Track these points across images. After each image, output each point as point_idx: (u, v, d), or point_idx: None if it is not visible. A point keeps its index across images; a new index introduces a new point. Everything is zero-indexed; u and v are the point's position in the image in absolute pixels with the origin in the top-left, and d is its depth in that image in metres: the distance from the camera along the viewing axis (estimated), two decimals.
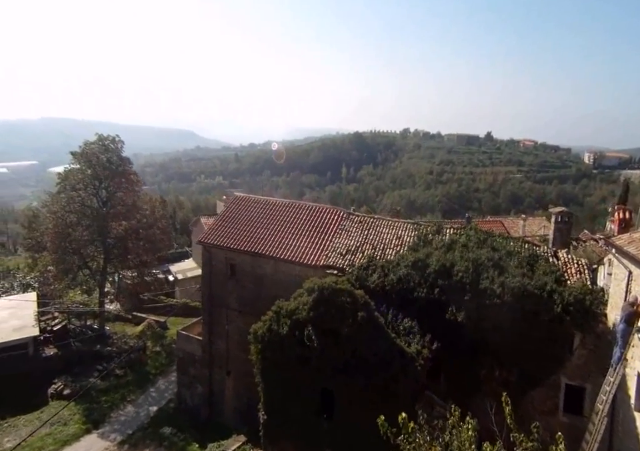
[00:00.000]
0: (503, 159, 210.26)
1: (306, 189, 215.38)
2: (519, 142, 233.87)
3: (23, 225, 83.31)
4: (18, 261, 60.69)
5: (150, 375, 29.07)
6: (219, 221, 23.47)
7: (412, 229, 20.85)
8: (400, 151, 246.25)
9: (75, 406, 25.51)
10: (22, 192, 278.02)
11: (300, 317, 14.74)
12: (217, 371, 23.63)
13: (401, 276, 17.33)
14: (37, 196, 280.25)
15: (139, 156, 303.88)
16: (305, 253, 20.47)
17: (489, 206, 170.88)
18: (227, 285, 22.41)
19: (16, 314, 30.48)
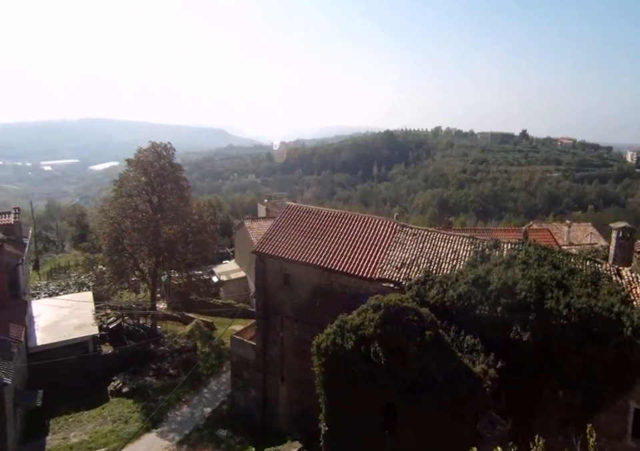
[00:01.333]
0: (540, 158, 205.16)
1: (337, 188, 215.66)
2: (556, 140, 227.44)
3: (71, 223, 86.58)
4: (68, 258, 63.26)
5: (202, 375, 29.96)
6: (272, 230, 24.03)
7: (468, 243, 20.83)
8: (432, 150, 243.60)
9: (133, 404, 26.69)
10: (65, 189, 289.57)
11: (366, 333, 15.08)
12: (270, 377, 24.30)
13: (462, 293, 17.40)
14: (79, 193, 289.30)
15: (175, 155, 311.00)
16: (360, 265, 20.77)
17: (524, 206, 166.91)
18: (281, 294, 22.98)
19: (75, 312, 31.94)
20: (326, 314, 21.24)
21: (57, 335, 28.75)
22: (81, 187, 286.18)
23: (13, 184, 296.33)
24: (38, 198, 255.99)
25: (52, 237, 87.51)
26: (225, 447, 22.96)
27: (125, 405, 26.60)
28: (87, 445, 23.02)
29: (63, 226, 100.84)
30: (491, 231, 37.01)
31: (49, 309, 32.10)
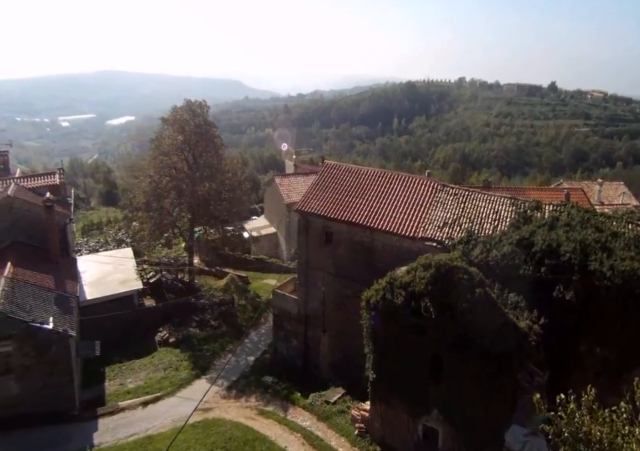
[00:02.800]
0: (568, 112, 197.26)
1: (356, 141, 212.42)
2: (586, 93, 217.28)
3: (99, 180, 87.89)
4: (100, 215, 65.07)
5: (243, 327, 31.50)
6: (313, 189, 24.49)
7: (509, 204, 21.07)
8: (455, 102, 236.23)
9: (180, 353, 28.36)
10: (83, 144, 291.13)
11: (416, 290, 15.83)
12: (311, 328, 25.64)
13: (506, 253, 17.90)
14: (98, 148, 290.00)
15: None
16: (402, 224, 21.28)
17: (549, 162, 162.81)
18: (323, 251, 23.78)
19: (117, 268, 33.39)
20: (367, 271, 22.15)
21: (104, 290, 30.22)
22: (99, 142, 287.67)
23: (33, 141, 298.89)
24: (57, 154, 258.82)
25: (80, 194, 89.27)
26: (272, 392, 24.56)
27: (173, 354, 28.32)
28: (144, 390, 24.80)
29: (89, 183, 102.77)
30: (524, 190, 36.82)
31: (93, 265, 33.40)
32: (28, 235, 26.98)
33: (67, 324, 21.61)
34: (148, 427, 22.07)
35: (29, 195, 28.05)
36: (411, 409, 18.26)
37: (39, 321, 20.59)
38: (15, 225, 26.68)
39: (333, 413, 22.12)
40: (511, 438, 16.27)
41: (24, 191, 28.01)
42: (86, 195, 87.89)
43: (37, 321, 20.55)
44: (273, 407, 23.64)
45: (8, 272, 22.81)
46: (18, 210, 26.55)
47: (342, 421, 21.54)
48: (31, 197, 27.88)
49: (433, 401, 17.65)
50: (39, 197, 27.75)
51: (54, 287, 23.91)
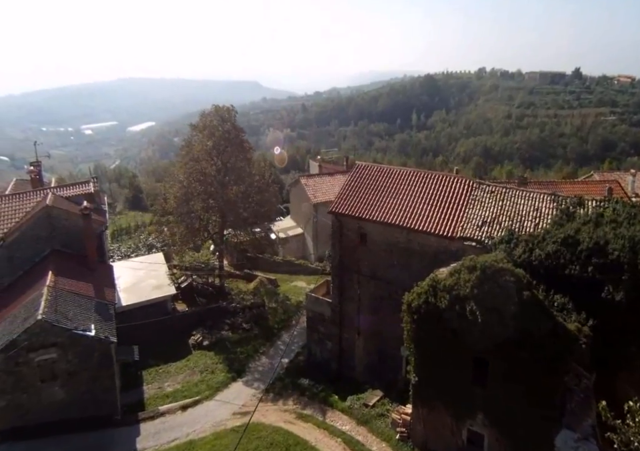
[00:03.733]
0: (594, 100, 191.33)
1: (374, 138, 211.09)
2: (612, 79, 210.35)
3: (124, 185, 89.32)
4: (127, 219, 66.13)
5: (274, 329, 31.62)
6: (345, 190, 24.30)
7: (549, 201, 20.50)
8: (475, 94, 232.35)
9: (215, 356, 28.60)
10: (106, 151, 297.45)
11: (461, 293, 15.48)
12: (346, 330, 25.48)
13: (550, 252, 17.37)
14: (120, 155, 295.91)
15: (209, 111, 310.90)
16: (439, 223, 20.93)
17: (575, 153, 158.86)
18: (358, 252, 23.59)
19: (150, 274, 33.85)
20: (403, 272, 21.91)
21: (138, 296, 30.71)
22: (121, 149, 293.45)
23: (57, 149, 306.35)
24: (81, 161, 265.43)
25: (107, 199, 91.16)
26: (309, 395, 24.50)
27: (208, 357, 28.56)
28: (182, 394, 25.09)
29: (113, 188, 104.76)
30: (556, 184, 35.87)
31: (126, 271, 33.92)
32: (66, 243, 27.58)
33: (107, 331, 21.98)
34: (189, 432, 22.28)
35: (66, 203, 28.65)
36: (455, 413, 17.92)
37: (81, 328, 21.00)
38: (53, 233, 27.28)
39: (372, 416, 21.91)
40: (562, 443, 15.82)
41: (61, 200, 28.62)
42: (112, 200, 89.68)
43: (80, 328, 20.96)
44: (311, 410, 23.56)
45: (50, 281, 23.30)
46: (56, 219, 27.16)
47: (382, 425, 21.32)
48: (68, 205, 28.48)
49: (478, 405, 17.28)
50: (75, 206, 28.33)
51: (93, 295, 24.34)
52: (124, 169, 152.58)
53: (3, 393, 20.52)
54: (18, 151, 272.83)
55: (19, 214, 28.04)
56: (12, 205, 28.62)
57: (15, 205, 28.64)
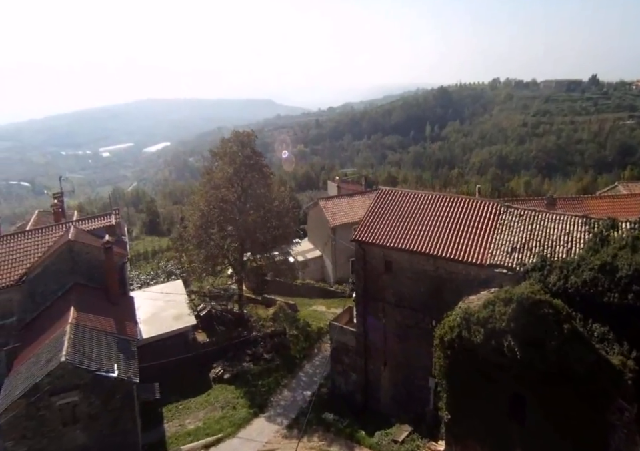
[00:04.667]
0: (611, 105, 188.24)
1: (388, 152, 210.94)
2: (630, 84, 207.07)
3: (142, 209, 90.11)
4: (144, 244, 66.42)
5: (296, 359, 30.78)
6: (369, 216, 23.77)
7: (581, 224, 19.64)
8: (489, 104, 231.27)
9: (236, 390, 27.75)
10: (123, 173, 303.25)
11: (497, 326, 14.71)
12: (371, 361, 24.63)
13: (587, 279, 16.52)
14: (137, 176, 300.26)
15: (224, 129, 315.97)
16: (467, 250, 20.21)
17: (593, 159, 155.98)
18: (382, 280, 22.91)
19: (169, 302, 33.47)
20: (431, 300, 21.15)
21: (159, 328, 30.23)
22: (138, 171, 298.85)
23: (76, 173, 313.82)
24: (99, 185, 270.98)
25: (122, 222, 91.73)
26: (334, 431, 23.55)
27: (229, 391, 27.73)
28: (204, 432, 24.27)
29: (130, 212, 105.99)
30: (581, 200, 34.56)
31: (146, 300, 33.48)
32: (88, 276, 27.50)
33: (130, 370, 21.49)
34: None
35: (88, 237, 28.68)
36: None
37: (104, 369, 20.55)
38: (75, 267, 27.25)
39: None
40: None
41: (83, 234, 28.68)
42: (129, 224, 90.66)
43: (103, 369, 20.51)
44: (338, 447, 22.66)
45: (72, 318, 23.06)
46: (78, 253, 27.14)
47: None
48: (90, 239, 28.47)
49: (516, 443, 16.28)
50: (97, 239, 28.35)
51: (115, 331, 23.96)
52: (141, 192, 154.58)
53: (23, 439, 19.99)
54: (38, 176, 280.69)
55: (42, 249, 28.14)
56: (35, 240, 28.72)
57: (38, 240, 28.73)
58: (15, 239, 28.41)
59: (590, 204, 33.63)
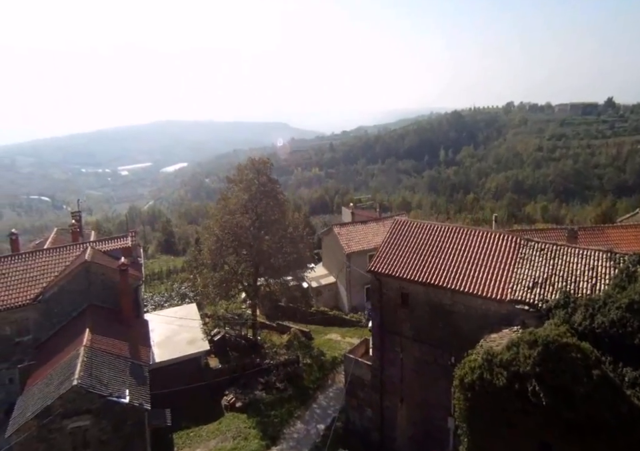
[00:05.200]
0: (629, 128, 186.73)
1: (403, 176, 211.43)
2: None
3: (157, 229, 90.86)
4: (160, 264, 66.86)
5: (309, 389, 30.14)
6: (385, 247, 23.49)
7: (605, 258, 19.09)
8: (503, 128, 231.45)
9: (248, 419, 27.18)
10: (140, 192, 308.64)
11: (521, 370, 14.13)
12: (387, 397, 23.88)
13: (614, 319, 15.89)
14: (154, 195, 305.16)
15: (239, 152, 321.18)
16: (486, 285, 19.71)
17: (612, 183, 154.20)
18: (399, 313, 22.41)
19: (184, 326, 33.29)
20: (450, 336, 20.59)
21: (172, 352, 30.00)
22: (155, 190, 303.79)
23: (95, 190, 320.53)
24: (117, 202, 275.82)
25: (139, 241, 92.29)
26: None
27: (241, 420, 27.18)
28: None
29: (146, 230, 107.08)
30: (602, 229, 33.88)
31: (160, 323, 33.41)
32: (103, 298, 27.76)
33: (142, 396, 21.27)
34: None
35: (104, 258, 28.93)
36: None
37: (116, 394, 20.37)
38: (91, 288, 27.56)
39: None
40: None
41: (99, 255, 28.95)
42: (145, 242, 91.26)
43: (115, 395, 20.34)
44: None
45: (87, 341, 23.04)
46: (94, 274, 27.50)
47: None
48: (106, 260, 28.73)
49: None
50: (113, 260, 28.60)
51: (128, 355, 23.86)
52: (157, 210, 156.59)
53: None
54: (59, 192, 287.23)
55: (59, 268, 28.44)
56: (52, 258, 29.09)
57: (55, 259, 29.09)
58: (33, 257, 28.78)
59: (612, 234, 32.86)
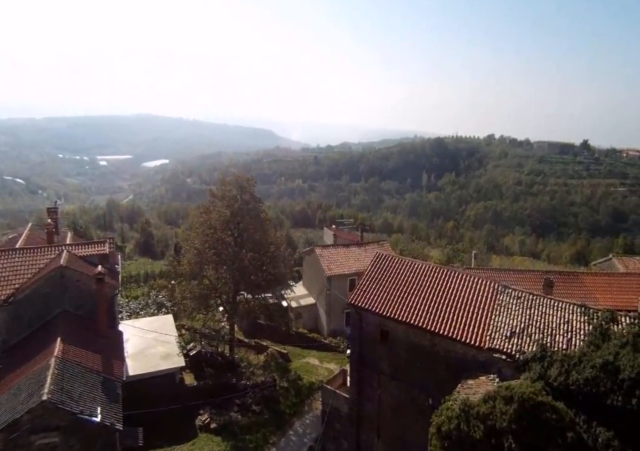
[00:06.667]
0: (603, 171, 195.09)
1: (385, 196, 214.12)
2: (621, 152, 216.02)
3: (137, 230, 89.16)
4: (137, 266, 65.58)
5: (285, 414, 29.89)
6: (365, 281, 23.87)
7: (580, 313, 19.95)
8: (484, 159, 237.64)
9: (222, 442, 26.76)
10: (119, 184, 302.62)
11: (497, 425, 14.61)
12: (364, 431, 24.04)
13: (588, 378, 16.56)
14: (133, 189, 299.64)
15: (223, 155, 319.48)
16: (465, 330, 20.25)
17: (586, 222, 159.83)
18: (378, 349, 22.76)
19: (159, 339, 32.62)
20: (428, 376, 21.01)
21: (146, 366, 29.40)
22: (135, 184, 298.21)
23: (72, 178, 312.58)
24: (95, 192, 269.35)
25: (116, 239, 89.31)
26: None
27: (215, 443, 26.70)
28: None
29: (124, 228, 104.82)
30: (577, 275, 35.08)
31: (134, 332, 32.56)
32: (76, 304, 26.90)
33: (113, 415, 20.78)
34: None
35: (80, 264, 28.18)
36: None
37: (87, 412, 19.85)
38: (64, 293, 26.65)
39: None
40: None
41: (75, 260, 28.19)
42: (122, 240, 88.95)
43: (86, 412, 19.81)
44: None
45: (58, 351, 22.44)
46: (69, 279, 26.61)
47: None
48: (82, 266, 27.99)
49: None
50: (89, 267, 27.89)
51: (101, 369, 23.23)
52: (136, 206, 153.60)
53: None
54: (34, 176, 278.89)
55: (33, 270, 27.52)
56: (26, 259, 28.11)
57: (29, 260, 28.10)
58: (6, 256, 27.75)
59: (587, 280, 34.10)
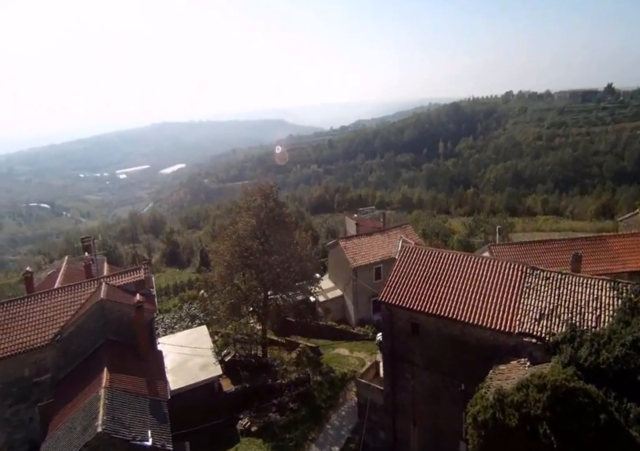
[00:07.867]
0: (629, 114, 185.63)
1: (402, 170, 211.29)
2: None
3: (162, 240, 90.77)
4: (166, 278, 67.21)
5: (321, 409, 30.65)
6: (395, 276, 24.01)
7: (609, 288, 19.64)
8: (503, 118, 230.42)
9: (264, 444, 27.70)
10: (139, 195, 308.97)
11: (532, 413, 14.70)
12: (400, 420, 24.61)
13: (619, 356, 16.43)
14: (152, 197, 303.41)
15: (238, 151, 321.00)
16: (495, 317, 20.27)
17: (611, 170, 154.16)
18: (410, 342, 23.03)
19: (196, 350, 33.73)
20: (460, 365, 21.16)
21: (186, 378, 30.48)
22: (154, 192, 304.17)
23: (94, 195, 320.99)
24: (116, 205, 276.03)
25: (142, 251, 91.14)
26: None
27: (257, 445, 27.65)
28: None
29: (149, 238, 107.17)
30: (604, 238, 34.30)
31: (172, 348, 33.48)
32: (118, 332, 28.15)
33: (163, 436, 21.78)
34: None
35: (119, 293, 29.39)
36: None
37: (139, 438, 20.87)
38: (106, 325, 28.00)
39: None
40: None
41: (113, 291, 29.39)
42: (148, 251, 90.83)
43: (138, 438, 20.83)
44: None
45: (106, 381, 23.52)
46: (109, 311, 27.91)
47: None
48: (120, 295, 29.20)
49: None
50: (127, 295, 29.09)
51: (147, 392, 24.29)
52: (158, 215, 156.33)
53: None
54: (57, 198, 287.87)
55: (75, 307, 28.87)
56: (68, 297, 29.50)
57: (71, 298, 29.49)
58: (49, 297, 29.23)
59: (614, 243, 33.50)
